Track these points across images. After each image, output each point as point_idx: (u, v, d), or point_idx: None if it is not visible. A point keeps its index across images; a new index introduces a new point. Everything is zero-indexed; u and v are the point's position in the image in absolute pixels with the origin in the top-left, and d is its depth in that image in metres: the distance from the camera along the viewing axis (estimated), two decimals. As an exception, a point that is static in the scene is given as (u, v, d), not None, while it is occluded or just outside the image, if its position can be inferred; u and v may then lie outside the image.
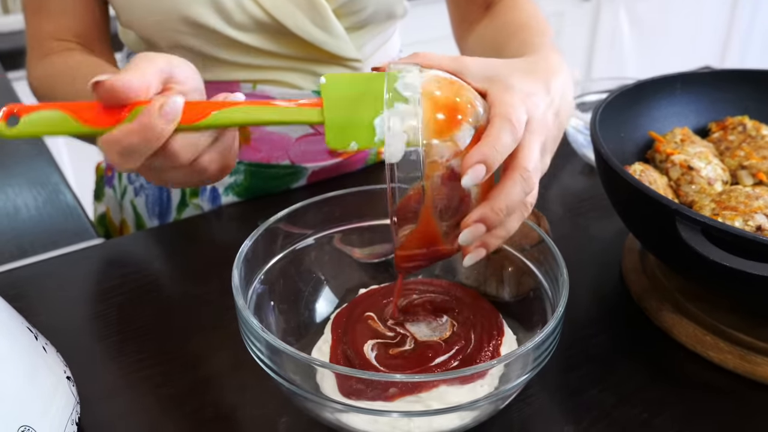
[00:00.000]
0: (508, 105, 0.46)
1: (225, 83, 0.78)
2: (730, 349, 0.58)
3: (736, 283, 0.52)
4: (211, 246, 0.76)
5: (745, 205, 0.60)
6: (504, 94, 0.47)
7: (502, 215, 0.46)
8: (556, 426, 0.53)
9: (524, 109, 0.47)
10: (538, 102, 0.49)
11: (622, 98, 0.71)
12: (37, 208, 0.83)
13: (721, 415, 0.54)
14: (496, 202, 0.46)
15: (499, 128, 0.45)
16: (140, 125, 0.44)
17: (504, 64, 0.51)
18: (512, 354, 0.46)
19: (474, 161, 0.44)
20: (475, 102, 0.47)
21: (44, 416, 0.45)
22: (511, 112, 0.46)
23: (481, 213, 0.46)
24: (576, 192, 0.86)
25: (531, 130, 0.48)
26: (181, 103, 0.45)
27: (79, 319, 0.65)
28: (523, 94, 0.48)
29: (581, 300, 0.65)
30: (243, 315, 0.48)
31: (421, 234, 0.49)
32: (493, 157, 0.44)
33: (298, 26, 0.73)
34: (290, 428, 0.53)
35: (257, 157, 0.82)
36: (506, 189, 0.46)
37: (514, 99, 0.47)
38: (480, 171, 0.44)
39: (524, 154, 0.47)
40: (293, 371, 0.48)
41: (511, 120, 0.45)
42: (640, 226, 0.61)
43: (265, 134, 0.81)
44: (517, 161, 0.47)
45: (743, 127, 0.74)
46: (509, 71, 0.50)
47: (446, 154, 0.45)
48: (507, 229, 0.48)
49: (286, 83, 0.79)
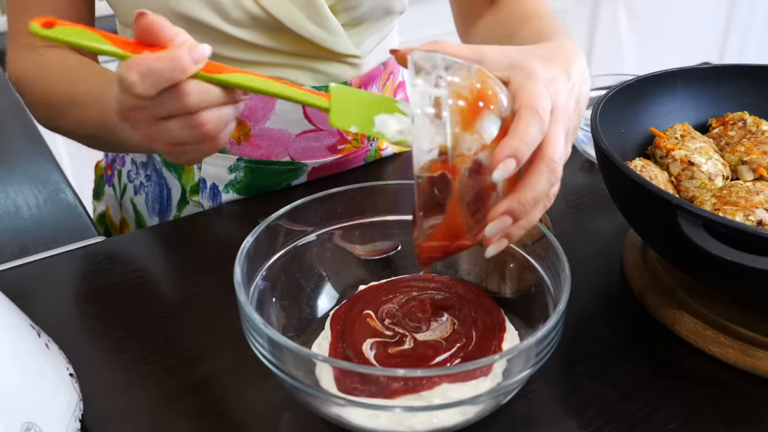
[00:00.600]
0: (533, 93, 0.46)
1: None
2: (731, 343, 0.58)
3: (738, 277, 0.52)
4: (211, 244, 0.76)
5: (746, 200, 0.60)
6: (527, 81, 0.47)
7: (529, 207, 0.46)
8: (559, 420, 0.53)
9: (548, 97, 0.47)
10: (559, 88, 0.49)
11: (622, 94, 0.71)
12: (38, 206, 0.83)
13: (722, 409, 0.55)
14: (523, 194, 0.46)
15: (527, 120, 0.45)
16: (169, 54, 0.46)
17: (522, 51, 0.51)
18: (515, 348, 0.46)
19: (504, 155, 0.44)
20: (499, 94, 0.47)
21: (48, 413, 0.45)
22: (536, 102, 0.46)
23: (508, 205, 0.46)
24: (576, 188, 0.86)
25: (555, 118, 0.47)
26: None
27: (80, 316, 0.65)
28: (546, 80, 0.48)
29: (582, 295, 0.65)
30: (245, 310, 0.48)
31: (447, 226, 0.48)
32: (522, 150, 0.44)
33: (295, 22, 0.73)
34: (292, 425, 0.53)
35: (257, 153, 0.82)
36: (533, 180, 0.46)
37: (538, 86, 0.47)
38: (510, 165, 0.44)
39: (550, 144, 0.47)
40: (294, 366, 0.48)
41: (537, 111, 0.45)
42: (641, 221, 0.61)
43: (265, 131, 0.81)
44: (543, 152, 0.46)
45: (743, 122, 0.74)
46: (528, 58, 0.50)
47: (474, 147, 0.45)
48: (530, 220, 0.48)
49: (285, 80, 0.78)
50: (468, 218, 0.48)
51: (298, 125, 0.81)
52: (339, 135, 0.84)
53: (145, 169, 0.87)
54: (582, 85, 0.53)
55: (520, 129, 0.45)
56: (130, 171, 0.89)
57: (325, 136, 0.83)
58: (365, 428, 0.49)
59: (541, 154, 0.46)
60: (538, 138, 0.45)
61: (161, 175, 0.85)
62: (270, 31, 0.74)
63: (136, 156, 0.87)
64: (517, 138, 0.44)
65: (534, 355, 0.47)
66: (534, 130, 0.45)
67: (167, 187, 0.86)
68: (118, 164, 0.91)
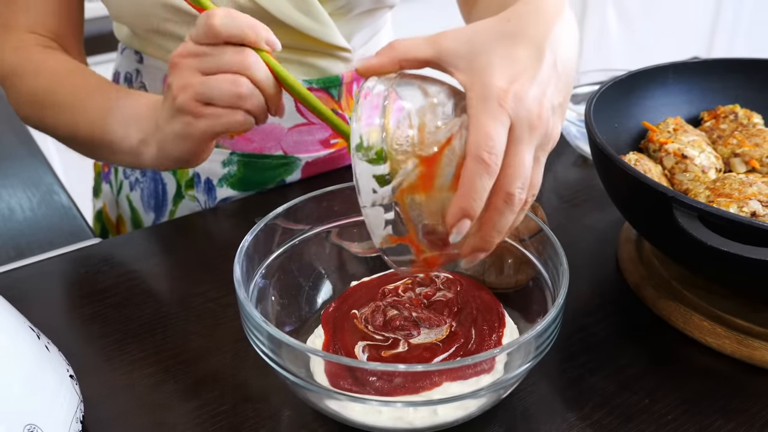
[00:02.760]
0: (481, 133, 0.43)
1: None
2: (727, 334, 0.59)
3: (734, 268, 0.53)
4: (207, 244, 0.76)
5: (739, 191, 0.61)
6: (477, 111, 0.44)
7: (497, 239, 0.46)
8: (558, 413, 0.54)
9: (502, 121, 0.43)
10: (521, 90, 0.44)
11: (614, 89, 0.72)
12: (32, 209, 0.83)
13: (720, 399, 0.55)
14: (486, 233, 0.46)
15: (472, 174, 0.43)
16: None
17: (486, 33, 0.47)
18: (516, 342, 0.46)
19: (456, 219, 0.44)
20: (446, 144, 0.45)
21: (49, 415, 0.45)
22: (482, 146, 0.43)
23: (473, 246, 0.47)
24: (570, 183, 0.86)
25: (516, 138, 0.44)
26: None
27: (77, 318, 0.64)
28: (502, 90, 0.44)
29: (578, 290, 0.66)
30: (245, 307, 0.48)
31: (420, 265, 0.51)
32: (472, 207, 0.43)
33: (282, 11, 0.73)
34: (292, 423, 0.53)
35: (250, 147, 0.82)
36: (493, 218, 0.45)
37: (486, 119, 0.43)
38: (464, 226, 0.44)
39: (507, 174, 0.44)
40: (294, 363, 0.48)
41: (482, 159, 0.43)
42: (636, 214, 0.62)
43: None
44: (500, 186, 0.44)
45: (735, 115, 0.75)
46: (491, 46, 0.46)
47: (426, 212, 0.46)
48: (509, 228, 0.48)
49: None
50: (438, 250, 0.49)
51: (290, 118, 0.82)
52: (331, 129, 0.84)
53: None
54: (563, 55, 0.48)
55: (466, 185, 0.43)
56: (125, 168, 0.89)
57: (317, 130, 0.84)
58: (366, 425, 0.50)
59: (497, 188, 0.44)
60: (487, 187, 0.43)
61: (156, 170, 0.86)
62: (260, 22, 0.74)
63: None
64: (464, 197, 0.43)
65: (534, 348, 0.48)
66: (479, 184, 0.43)
67: (162, 183, 0.86)
68: None
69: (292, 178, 0.86)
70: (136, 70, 0.82)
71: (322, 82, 0.81)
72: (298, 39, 0.76)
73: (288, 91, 0.56)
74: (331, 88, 0.82)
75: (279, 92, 0.56)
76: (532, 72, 0.45)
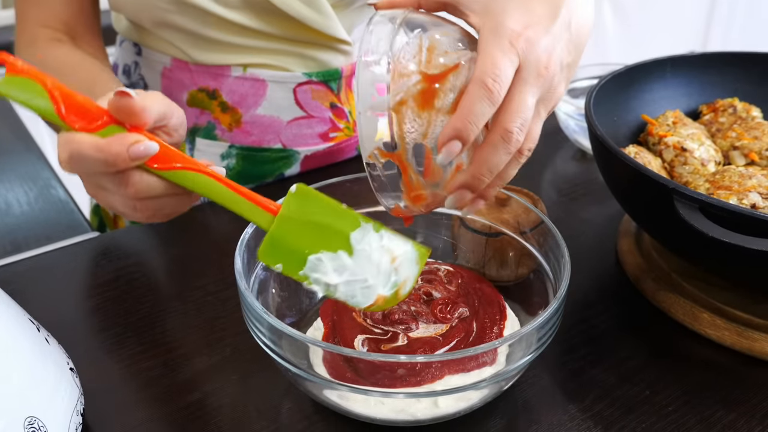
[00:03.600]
0: (488, 59, 0.43)
1: (216, 67, 0.78)
2: (727, 326, 0.59)
3: (735, 259, 0.53)
4: (206, 238, 0.76)
5: (739, 184, 0.61)
6: (489, 40, 0.44)
7: (487, 179, 0.45)
8: (560, 405, 0.54)
9: (511, 58, 0.43)
10: (534, 36, 0.44)
11: (613, 82, 0.72)
12: (29, 203, 0.83)
13: (720, 390, 0.55)
14: (476, 168, 0.45)
15: (473, 96, 0.43)
16: (107, 147, 0.43)
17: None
18: (518, 333, 0.46)
19: (447, 138, 0.43)
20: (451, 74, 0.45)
21: (50, 407, 0.45)
22: (488, 71, 0.43)
23: (462, 181, 0.46)
24: (569, 177, 0.86)
25: (522, 79, 0.44)
26: (155, 149, 0.44)
27: (77, 312, 0.64)
28: (514, 33, 0.44)
29: (578, 283, 0.66)
30: (246, 298, 0.48)
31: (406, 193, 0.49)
32: (467, 130, 0.43)
33: (284, 2, 0.73)
34: (293, 416, 0.53)
35: (249, 140, 0.82)
36: (486, 153, 0.45)
37: (495, 50, 0.43)
38: (455, 147, 0.43)
39: (508, 111, 0.44)
40: (295, 354, 0.48)
41: (485, 84, 0.42)
42: (637, 206, 0.62)
43: (257, 117, 0.81)
44: (498, 122, 0.44)
45: (733, 108, 0.75)
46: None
47: (420, 129, 0.46)
48: (503, 178, 0.48)
49: (277, 66, 0.79)
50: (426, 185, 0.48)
51: (289, 111, 0.81)
52: (330, 123, 0.85)
53: None
54: (578, 18, 0.48)
55: (465, 107, 0.43)
56: None
57: (316, 123, 0.84)
58: (367, 417, 0.50)
59: (496, 124, 0.44)
60: (486, 113, 0.43)
61: None
62: (260, 12, 0.74)
63: None
64: (460, 118, 0.43)
65: (536, 340, 0.48)
66: (479, 107, 0.42)
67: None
68: None
69: (291, 171, 0.86)
70: (135, 63, 0.82)
71: (322, 75, 0.81)
72: (300, 31, 0.76)
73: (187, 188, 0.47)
74: (331, 82, 0.82)
75: (177, 188, 0.47)
76: (546, 24, 0.45)
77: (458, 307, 0.56)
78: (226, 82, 0.79)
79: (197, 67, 0.78)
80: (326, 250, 0.46)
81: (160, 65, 0.80)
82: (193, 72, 0.78)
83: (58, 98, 0.41)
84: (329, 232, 0.46)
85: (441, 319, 0.55)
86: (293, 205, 0.46)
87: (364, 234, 0.46)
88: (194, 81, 0.79)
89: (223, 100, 0.80)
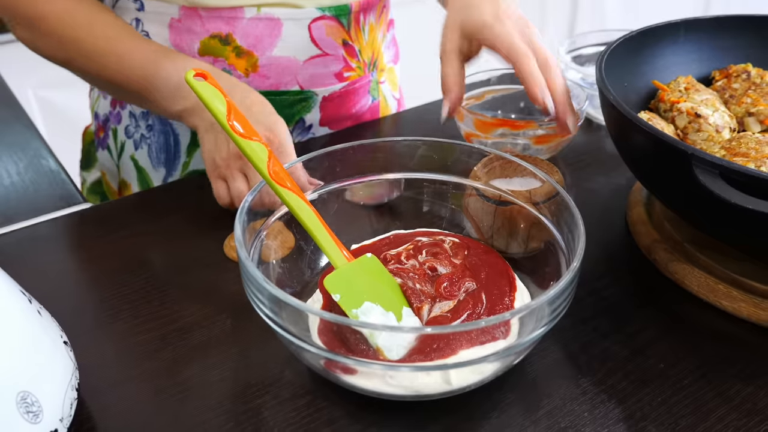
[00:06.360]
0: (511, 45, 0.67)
1: (229, 9, 0.76)
2: (743, 297, 0.57)
3: (755, 227, 0.51)
4: (205, 208, 0.73)
5: (756, 151, 0.59)
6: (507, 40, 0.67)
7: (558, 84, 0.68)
8: (572, 378, 0.52)
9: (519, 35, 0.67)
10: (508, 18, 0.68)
11: (623, 47, 0.69)
12: (19, 173, 0.80)
13: (736, 363, 0.54)
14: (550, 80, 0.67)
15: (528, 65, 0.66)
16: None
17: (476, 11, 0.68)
18: (531, 305, 0.44)
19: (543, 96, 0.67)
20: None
21: (44, 382, 0.43)
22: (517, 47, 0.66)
23: (562, 92, 0.68)
24: (574, 147, 0.84)
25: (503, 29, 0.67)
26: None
27: (70, 284, 0.62)
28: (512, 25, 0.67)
29: (589, 254, 0.63)
30: (246, 267, 0.46)
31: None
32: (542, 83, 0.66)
33: None
34: (295, 389, 0.51)
35: (266, 84, 0.81)
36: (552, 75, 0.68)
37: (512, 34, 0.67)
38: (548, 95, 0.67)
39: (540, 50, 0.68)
40: (296, 324, 0.46)
41: (527, 54, 0.66)
42: (652, 174, 0.59)
43: (273, 59, 0.80)
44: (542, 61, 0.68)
45: (747, 74, 0.72)
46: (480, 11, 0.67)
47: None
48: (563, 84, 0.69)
49: (290, 4, 0.77)
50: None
51: (304, 51, 0.81)
52: (344, 61, 0.85)
53: (146, 120, 0.83)
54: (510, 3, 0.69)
55: (531, 74, 0.66)
56: (128, 126, 0.85)
57: (331, 62, 0.83)
58: (374, 391, 0.48)
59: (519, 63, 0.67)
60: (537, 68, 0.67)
61: (165, 122, 0.83)
62: None
63: (135, 108, 0.84)
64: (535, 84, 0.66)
65: (549, 312, 0.46)
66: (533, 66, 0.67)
67: (174, 133, 0.83)
68: (113, 122, 0.87)
69: (310, 117, 0.85)
70: (136, 20, 0.79)
71: (334, 9, 0.80)
72: None
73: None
74: (341, 17, 0.81)
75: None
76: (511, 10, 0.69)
77: (464, 282, 0.54)
78: (239, 25, 0.77)
79: (208, 12, 0.76)
80: (381, 305, 0.51)
81: (167, 17, 0.77)
82: (204, 18, 0.76)
83: (230, 107, 0.51)
84: (387, 296, 0.52)
85: (447, 296, 0.53)
86: (366, 263, 0.54)
87: (410, 314, 0.52)
88: (206, 28, 0.77)
89: (237, 44, 0.78)
